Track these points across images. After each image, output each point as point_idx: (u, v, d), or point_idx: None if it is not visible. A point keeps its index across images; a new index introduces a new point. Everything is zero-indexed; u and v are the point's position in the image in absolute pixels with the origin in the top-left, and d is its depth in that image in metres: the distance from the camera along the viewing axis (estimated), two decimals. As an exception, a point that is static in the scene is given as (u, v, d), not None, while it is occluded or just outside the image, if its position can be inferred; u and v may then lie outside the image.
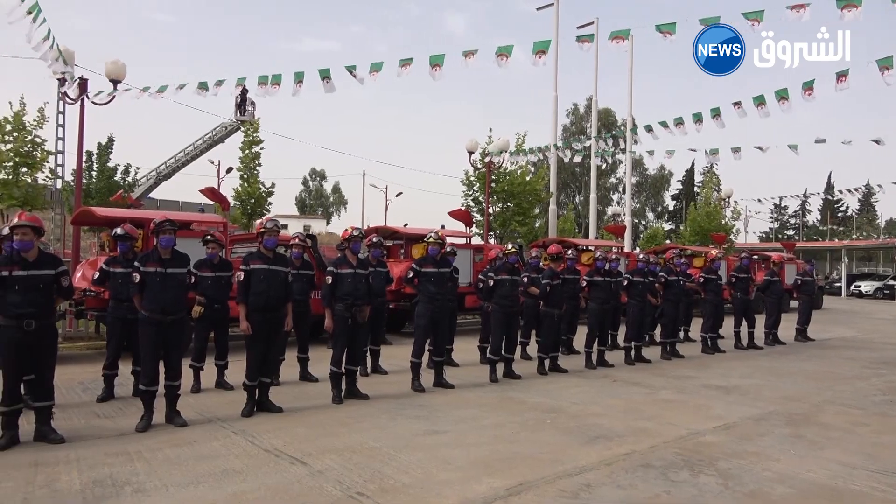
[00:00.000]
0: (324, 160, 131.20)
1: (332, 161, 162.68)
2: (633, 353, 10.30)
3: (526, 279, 9.06)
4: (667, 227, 57.15)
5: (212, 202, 15.20)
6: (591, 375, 9.13)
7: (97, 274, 7.46)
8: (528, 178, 23.32)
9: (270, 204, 20.91)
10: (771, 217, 73.43)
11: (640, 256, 11.27)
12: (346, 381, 7.12)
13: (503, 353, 8.54)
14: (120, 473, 4.49)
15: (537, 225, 26.49)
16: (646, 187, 64.19)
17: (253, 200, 20.13)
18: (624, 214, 37.16)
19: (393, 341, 11.69)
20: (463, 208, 20.21)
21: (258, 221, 8.68)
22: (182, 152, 37.82)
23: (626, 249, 25.62)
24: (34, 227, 5.22)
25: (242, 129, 22.54)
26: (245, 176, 20.46)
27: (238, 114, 33.86)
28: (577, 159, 20.99)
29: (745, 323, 12.48)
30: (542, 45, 10.26)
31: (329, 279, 6.98)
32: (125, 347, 7.07)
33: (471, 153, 19.74)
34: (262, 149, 20.60)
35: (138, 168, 27.26)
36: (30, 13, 9.76)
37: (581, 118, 57.63)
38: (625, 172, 43.38)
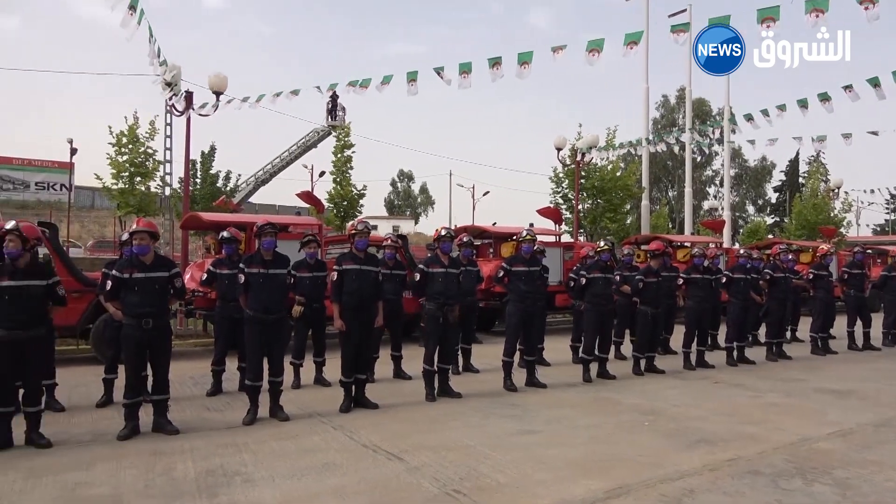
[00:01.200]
0: (411, 161, 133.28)
1: (419, 162, 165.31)
2: (735, 353, 9.83)
3: (618, 277, 8.85)
4: (769, 221, 54.10)
5: (307, 205, 15.77)
6: (691, 377, 8.79)
7: (205, 275, 7.89)
8: (618, 174, 22.75)
9: (362, 206, 21.46)
10: (886, 208, 67.91)
11: (742, 252, 10.74)
12: (439, 379, 7.21)
13: (597, 352, 8.38)
14: (230, 464, 4.74)
15: (628, 221, 25.79)
16: (745, 179, 61.08)
17: (346, 203, 20.72)
18: (722, 208, 35.55)
19: (483, 340, 11.71)
20: (552, 206, 19.98)
21: (350, 223, 8.93)
22: (278, 158, 39.51)
23: (726, 245, 24.48)
24: (151, 233, 5.61)
25: (334, 133, 23.24)
26: (338, 179, 21.08)
27: (329, 119, 35.01)
28: (673, 149, 20.23)
29: (859, 322, 11.63)
30: (634, 36, 9.98)
31: (418, 276, 7.09)
32: (232, 345, 7.44)
33: (559, 150, 19.48)
34: (353, 152, 21.18)
35: (238, 174, 28.80)
36: (150, 36, 10.50)
37: (672, 110, 55.59)
38: (722, 164, 41.52)
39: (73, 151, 31.48)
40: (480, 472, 4.57)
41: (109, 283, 5.68)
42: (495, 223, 16.16)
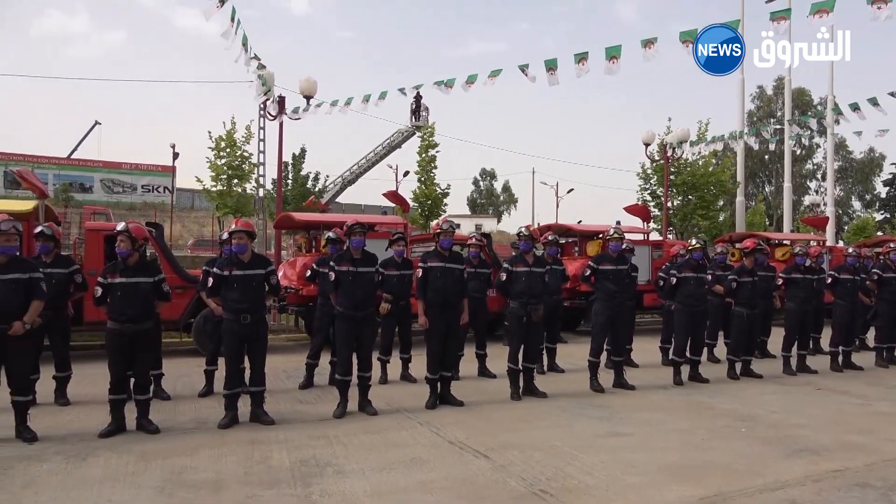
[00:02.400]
0: (493, 160, 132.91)
1: (501, 160, 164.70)
2: (840, 358, 9.23)
3: (711, 277, 8.50)
4: (878, 217, 50.34)
5: (393, 204, 16.07)
6: (791, 382, 8.33)
7: (309, 272, 8.17)
8: (710, 169, 21.85)
9: (446, 205, 21.67)
10: None
11: (850, 251, 10.06)
12: (524, 378, 7.17)
13: (688, 354, 8.09)
14: (322, 455, 4.91)
15: (721, 219, 24.74)
16: (851, 173, 57.10)
17: (430, 202, 20.97)
18: (825, 204, 33.43)
19: (568, 340, 11.55)
20: (639, 203, 19.44)
21: (435, 222, 9.03)
22: (364, 158, 40.47)
23: (829, 243, 23.02)
24: (248, 232, 5.89)
25: (418, 134, 23.57)
26: (422, 178, 21.37)
27: (413, 119, 35.53)
28: (770, 142, 19.21)
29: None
30: (731, 25, 9.51)
31: (504, 275, 7.08)
32: (328, 340, 7.69)
33: (647, 145, 18.93)
34: (437, 152, 21.40)
35: (326, 175, 29.70)
36: (244, 48, 11.04)
37: (769, 101, 52.73)
38: (824, 157, 39.01)
39: (175, 156, 33.50)
40: (568, 473, 4.52)
41: (210, 280, 6.02)
42: (580, 221, 15.91)
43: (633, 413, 6.41)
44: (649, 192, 22.21)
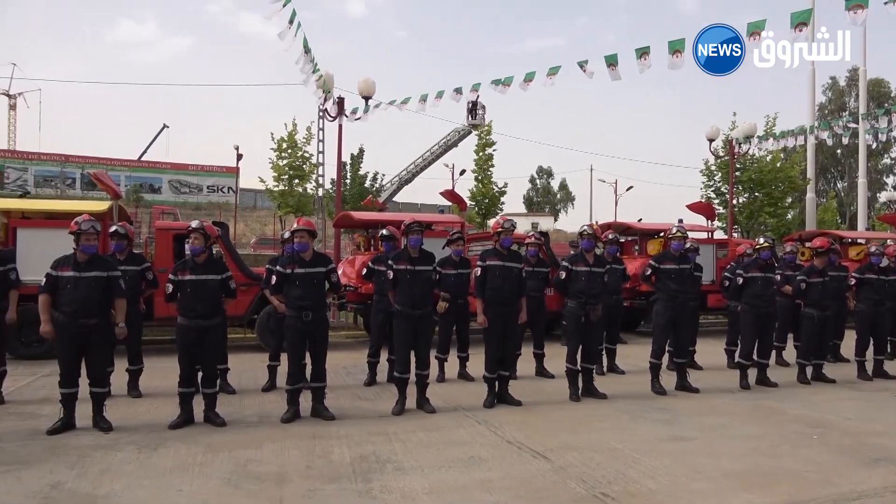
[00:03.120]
0: (550, 157, 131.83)
1: (558, 158, 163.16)
2: (921, 364, 8.73)
3: (780, 277, 8.17)
4: (962, 213, 47.42)
5: (450, 203, 16.13)
6: (867, 388, 7.94)
7: (365, 270, 8.28)
8: (778, 165, 21.04)
9: (503, 203, 21.61)
10: None
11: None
12: (583, 379, 7.07)
13: (755, 357, 7.81)
14: (381, 451, 4.96)
15: (790, 216, 23.79)
16: (931, 168, 53.95)
17: (487, 200, 20.95)
18: (903, 201, 31.70)
19: (628, 340, 11.32)
20: (703, 200, 18.89)
21: (494, 221, 8.98)
22: (420, 158, 40.82)
23: (907, 242, 21.81)
24: (310, 231, 6.01)
25: (475, 132, 23.57)
26: (479, 177, 21.36)
27: (470, 118, 35.54)
28: (842, 137, 18.33)
29: None
30: (802, 16, 9.10)
31: (563, 274, 7.00)
32: (386, 338, 7.77)
33: (711, 140, 18.36)
34: (494, 150, 21.35)
35: (384, 174, 30.04)
36: (304, 50, 11.28)
37: (841, 93, 50.39)
38: (903, 152, 37.00)
39: (239, 157, 34.46)
40: (629, 476, 4.43)
41: (274, 278, 6.17)
42: (640, 219, 15.57)
43: (696, 417, 6.23)
44: (713, 189, 21.57)
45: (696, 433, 5.62)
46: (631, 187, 50.79)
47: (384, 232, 8.03)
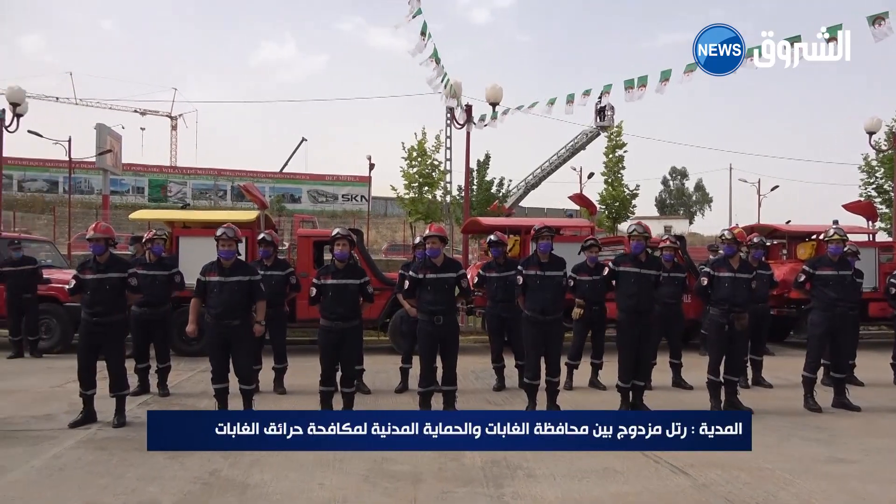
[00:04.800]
0: (685, 157, 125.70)
1: (693, 157, 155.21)
2: None
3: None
4: None
5: (578, 207, 15.83)
6: None
7: (476, 278, 8.35)
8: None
9: (634, 206, 20.90)
10: None
11: None
12: (725, 392, 6.64)
13: (930, 374, 6.97)
14: (513, 457, 4.92)
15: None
16: None
17: (617, 203, 20.37)
18: None
19: (776, 352, 10.51)
20: (863, 199, 17.19)
21: (628, 226, 8.70)
22: (546, 162, 40.36)
23: None
24: (441, 237, 6.13)
25: (604, 134, 23.00)
26: (609, 180, 20.82)
27: (598, 120, 34.70)
28: None
29: None
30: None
31: (704, 280, 6.64)
32: (505, 342, 7.75)
33: (871, 133, 16.64)
34: (625, 152, 20.72)
35: (510, 180, 30.07)
36: (434, 60, 11.58)
37: None
38: None
39: (371, 167, 35.94)
40: (780, 498, 4.10)
41: (407, 282, 6.34)
42: (789, 221, 14.41)
43: (858, 437, 5.66)
44: (875, 186, 19.59)
45: (858, 455, 5.10)
46: (776, 187, 47.34)
47: (492, 237, 8.01)
